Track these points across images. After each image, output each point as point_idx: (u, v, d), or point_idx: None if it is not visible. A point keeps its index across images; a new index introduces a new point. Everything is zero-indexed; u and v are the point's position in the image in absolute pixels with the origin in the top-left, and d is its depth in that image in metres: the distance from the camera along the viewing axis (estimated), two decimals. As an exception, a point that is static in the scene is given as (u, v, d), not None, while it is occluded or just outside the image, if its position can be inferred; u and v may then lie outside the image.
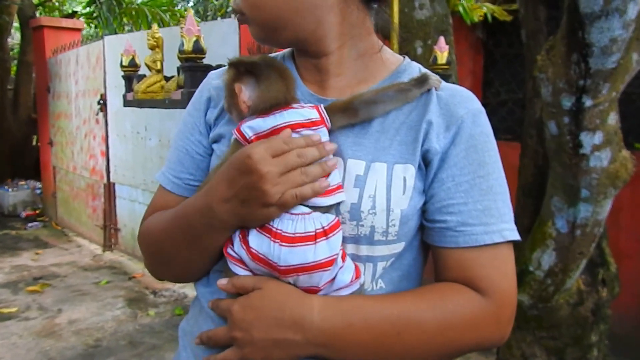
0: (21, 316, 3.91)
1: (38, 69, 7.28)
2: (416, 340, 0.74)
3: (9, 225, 6.81)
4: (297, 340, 0.71)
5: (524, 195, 2.02)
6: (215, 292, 0.80)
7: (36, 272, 4.96)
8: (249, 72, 0.77)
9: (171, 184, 0.89)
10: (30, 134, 8.11)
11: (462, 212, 0.77)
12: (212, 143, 0.87)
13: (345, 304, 0.73)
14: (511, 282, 0.77)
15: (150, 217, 0.89)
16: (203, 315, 0.84)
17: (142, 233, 0.90)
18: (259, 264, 0.72)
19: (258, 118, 0.76)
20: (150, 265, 0.92)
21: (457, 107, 0.80)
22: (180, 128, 0.92)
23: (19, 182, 7.81)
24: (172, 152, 0.91)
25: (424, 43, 2.21)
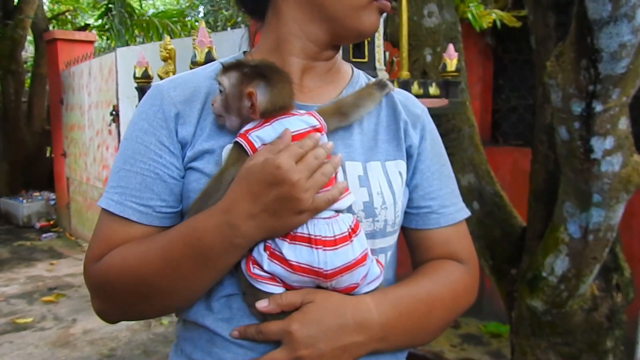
0: (37, 326, 3.95)
1: (51, 81, 7.39)
2: (441, 314, 0.84)
3: (23, 236, 6.90)
4: (362, 341, 0.75)
5: (535, 200, 2.01)
6: (231, 318, 0.78)
7: (51, 282, 5.01)
8: (260, 76, 0.75)
9: (137, 213, 0.78)
10: (44, 145, 8.22)
11: (440, 197, 0.90)
12: (189, 162, 0.80)
13: (389, 296, 0.79)
14: (474, 248, 0.94)
15: (116, 252, 0.77)
16: (219, 343, 0.79)
17: (106, 271, 0.77)
18: (301, 274, 0.73)
19: (264, 126, 0.75)
20: (118, 306, 0.81)
21: (414, 107, 0.93)
22: (136, 149, 0.80)
23: (33, 194, 7.91)
24: (131, 176, 0.79)
25: (433, 51, 2.22)
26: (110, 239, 0.78)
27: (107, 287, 0.78)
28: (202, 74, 0.86)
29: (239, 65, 0.76)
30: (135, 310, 0.81)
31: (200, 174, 0.78)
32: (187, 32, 7.70)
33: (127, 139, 0.81)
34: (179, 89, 0.82)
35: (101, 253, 0.78)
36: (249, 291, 0.76)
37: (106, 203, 0.79)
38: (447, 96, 1.84)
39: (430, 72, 2.22)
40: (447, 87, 1.85)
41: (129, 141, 0.81)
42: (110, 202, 0.79)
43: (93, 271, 0.79)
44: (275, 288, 0.74)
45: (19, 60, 8.13)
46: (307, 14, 0.82)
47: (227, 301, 0.79)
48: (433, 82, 1.83)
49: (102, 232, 0.80)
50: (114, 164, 0.82)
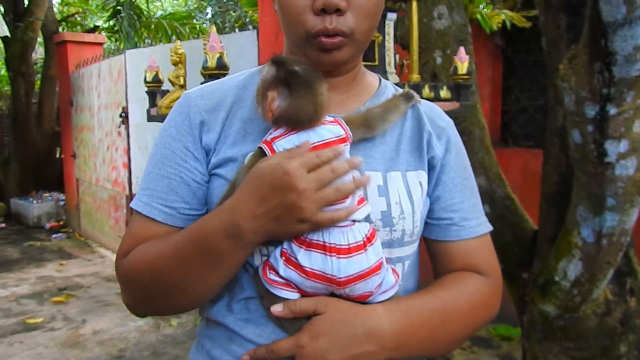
0: (47, 326, 3.97)
1: (61, 83, 7.44)
2: (457, 325, 0.84)
3: (33, 237, 6.94)
4: (373, 350, 0.75)
5: (548, 204, 2.00)
6: (249, 319, 0.80)
7: (61, 282, 5.04)
8: (286, 84, 0.74)
9: (162, 214, 0.82)
10: (54, 146, 8.27)
11: (461, 209, 0.89)
12: (213, 168, 0.82)
13: (401, 305, 0.79)
14: (497, 262, 0.93)
15: (139, 249, 0.82)
16: (237, 342, 0.81)
17: (130, 266, 0.82)
18: (315, 280, 0.73)
19: (289, 135, 0.75)
20: (141, 300, 0.84)
21: (438, 120, 0.92)
22: (164, 154, 0.84)
23: (43, 194, 7.96)
24: (158, 179, 0.83)
25: (443, 53, 2.21)
26: (137, 237, 0.83)
27: (130, 282, 0.83)
28: (231, 83, 0.88)
29: (283, 64, 0.75)
30: (154, 305, 0.84)
31: (223, 180, 0.80)
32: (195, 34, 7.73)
33: (157, 144, 0.85)
34: (205, 98, 0.84)
35: (129, 249, 0.82)
36: (265, 295, 0.77)
37: (136, 204, 0.84)
38: (458, 99, 1.82)
39: (440, 75, 2.21)
40: (458, 90, 1.84)
41: (159, 147, 0.85)
42: (140, 203, 0.83)
43: (120, 266, 0.83)
44: (290, 294, 0.75)
45: (29, 62, 8.18)
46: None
47: (246, 303, 0.81)
48: (444, 86, 1.82)
49: (131, 230, 0.84)
50: (146, 168, 0.86)
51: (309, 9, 0.75)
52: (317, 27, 0.75)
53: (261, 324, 0.80)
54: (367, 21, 0.78)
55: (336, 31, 0.75)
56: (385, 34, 1.85)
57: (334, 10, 0.74)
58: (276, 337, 0.78)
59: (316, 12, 0.75)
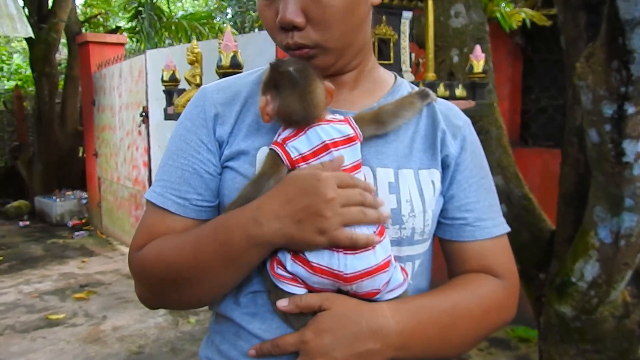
0: (68, 322, 4.05)
1: (84, 83, 7.56)
2: (467, 327, 0.82)
3: (56, 234, 7.08)
4: (378, 349, 0.74)
5: (565, 204, 1.98)
6: (256, 313, 0.80)
7: (82, 279, 5.13)
8: (274, 85, 0.76)
9: (175, 205, 0.82)
10: (76, 145, 8.42)
11: (476, 209, 0.88)
12: (226, 161, 0.83)
13: (409, 305, 0.79)
14: (514, 264, 0.91)
15: (156, 242, 0.82)
16: (244, 337, 0.82)
17: (145, 259, 0.82)
18: (322, 276, 0.73)
19: (299, 136, 0.76)
20: (156, 293, 0.85)
21: (455, 119, 0.91)
22: (179, 146, 0.85)
23: (66, 193, 8.10)
24: (172, 171, 0.84)
25: (460, 51, 2.20)
26: (151, 229, 0.83)
27: (144, 275, 0.83)
28: (247, 79, 0.89)
29: (277, 67, 0.77)
30: (167, 299, 0.84)
31: (235, 173, 0.81)
32: (215, 34, 7.79)
33: (173, 136, 0.87)
34: (221, 92, 0.86)
35: (143, 242, 0.83)
36: (273, 290, 0.77)
37: (150, 195, 0.84)
38: (474, 98, 1.81)
39: (457, 73, 2.20)
40: (474, 88, 1.83)
41: (174, 139, 0.86)
42: (153, 194, 0.84)
43: (134, 258, 0.84)
44: (296, 289, 0.75)
45: (53, 63, 8.33)
46: None
47: (253, 297, 0.81)
48: (459, 84, 1.81)
49: (145, 222, 0.85)
50: (161, 160, 0.87)
51: (275, 26, 0.78)
52: (283, 42, 0.79)
53: (267, 319, 0.80)
54: (334, 30, 0.77)
55: (298, 45, 0.77)
56: (401, 33, 1.84)
57: (291, 27, 0.76)
58: (281, 333, 0.78)
59: (279, 29, 0.78)
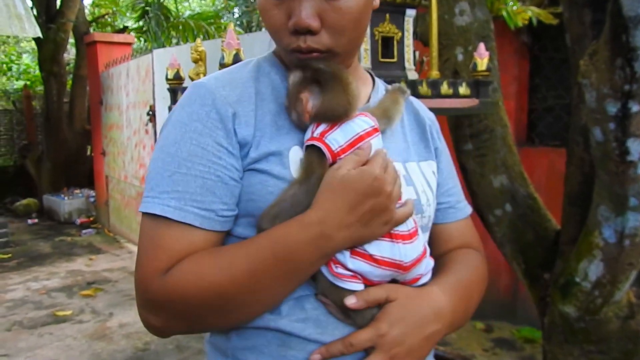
0: (75, 319, 4.08)
1: (92, 83, 7.61)
2: (477, 296, 0.92)
3: (64, 232, 7.13)
4: (440, 328, 0.80)
5: (570, 203, 1.96)
6: (306, 318, 0.77)
7: (89, 277, 5.17)
8: (316, 81, 0.76)
9: (200, 218, 0.73)
10: (84, 144, 8.48)
11: (455, 193, 0.98)
12: (252, 163, 0.76)
13: (448, 284, 0.85)
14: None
15: (189, 265, 0.72)
16: (295, 345, 0.77)
17: (181, 284, 0.71)
18: (385, 268, 0.76)
19: (335, 129, 0.77)
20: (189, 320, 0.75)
21: (426, 111, 1.00)
22: (192, 151, 0.75)
23: (74, 191, 8.17)
24: (189, 180, 0.74)
25: (465, 50, 2.19)
26: (172, 249, 0.73)
27: (179, 303, 0.72)
28: (241, 74, 0.83)
29: (307, 66, 0.77)
30: (205, 326, 0.77)
31: (266, 175, 0.76)
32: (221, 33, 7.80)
33: (178, 141, 0.75)
34: (227, 88, 0.78)
35: (165, 265, 0.72)
36: (329, 290, 0.77)
37: (162, 209, 0.73)
38: (477, 96, 1.80)
39: (461, 72, 2.18)
40: (478, 86, 1.82)
41: (181, 144, 0.75)
42: (167, 208, 0.73)
43: (160, 286, 0.72)
44: (357, 285, 0.77)
45: (61, 63, 8.39)
46: None
47: (297, 303, 0.78)
48: (463, 82, 1.80)
49: (161, 241, 0.73)
50: (162, 169, 0.75)
51: (284, 27, 0.76)
52: (292, 45, 0.76)
53: (322, 322, 0.77)
54: (346, 35, 0.77)
55: (310, 49, 0.76)
56: (405, 31, 1.84)
57: (305, 31, 0.74)
58: (340, 333, 0.77)
59: (290, 32, 0.76)
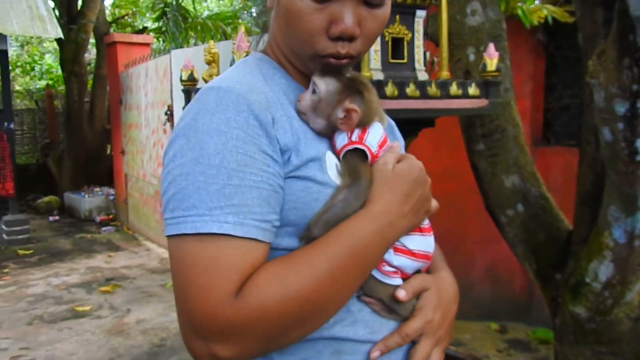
0: (94, 314, 4.16)
1: (111, 83, 7.72)
2: None
3: (85, 229, 7.26)
4: (456, 307, 0.89)
5: (582, 204, 1.95)
6: (356, 321, 0.78)
7: (108, 273, 5.26)
8: (357, 92, 0.79)
9: (261, 231, 0.69)
10: (104, 143, 8.59)
11: None
12: (293, 170, 0.74)
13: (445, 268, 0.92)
14: None
15: (267, 280, 0.67)
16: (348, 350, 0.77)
17: (266, 301, 0.66)
18: (420, 260, 0.82)
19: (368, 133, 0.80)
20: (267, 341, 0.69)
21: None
22: (241, 160, 0.69)
23: (94, 189, 8.31)
24: (245, 192, 0.68)
25: (477, 50, 2.18)
26: (241, 267, 0.67)
27: (262, 321, 0.67)
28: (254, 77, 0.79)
29: (338, 73, 0.79)
30: (283, 343, 0.72)
31: (309, 182, 0.74)
32: (240, 33, 7.83)
33: (221, 151, 0.68)
34: (255, 94, 0.73)
35: (236, 286, 0.66)
36: (377, 290, 0.79)
37: (219, 227, 0.66)
38: (487, 96, 1.80)
39: (473, 72, 2.18)
40: (488, 87, 1.82)
41: (225, 153, 0.68)
42: (226, 224, 0.66)
43: (237, 309, 0.66)
44: (399, 280, 0.81)
45: (82, 63, 8.53)
46: None
47: (344, 307, 0.76)
48: (472, 83, 1.80)
49: (226, 261, 0.66)
50: (205, 182, 0.68)
51: (323, 32, 0.75)
52: (328, 50, 0.76)
53: (368, 321, 0.79)
54: (371, 44, 0.81)
55: (347, 56, 0.77)
56: (415, 32, 1.84)
57: (348, 38, 0.75)
58: (387, 329, 0.80)
59: (331, 38, 0.75)
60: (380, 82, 1.67)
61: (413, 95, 1.67)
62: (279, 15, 0.79)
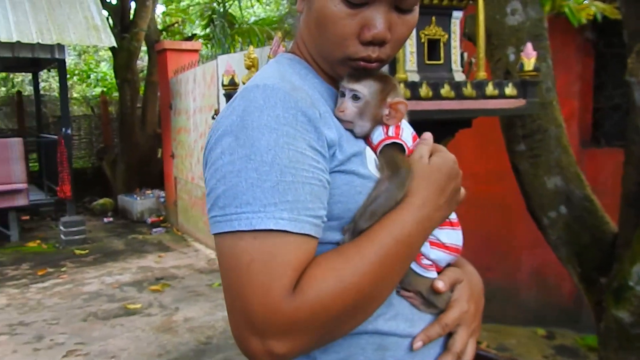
0: (144, 312, 4.32)
1: (162, 88, 7.98)
2: None
3: (136, 230, 7.54)
4: (484, 301, 0.92)
5: (627, 205, 1.89)
6: (397, 314, 0.80)
7: (158, 273, 5.45)
8: (395, 87, 0.83)
9: (314, 227, 0.70)
10: (155, 147, 8.89)
11: None
12: (338, 165, 0.76)
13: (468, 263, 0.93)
14: None
15: (322, 273, 0.68)
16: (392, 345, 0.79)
17: (323, 296, 0.67)
18: (452, 253, 0.85)
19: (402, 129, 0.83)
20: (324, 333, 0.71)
21: None
22: (292, 157, 0.69)
23: (145, 192, 8.59)
24: (297, 188, 0.69)
25: (517, 49, 2.15)
26: (295, 264, 0.67)
27: (321, 314, 0.67)
28: (294, 78, 0.80)
29: (369, 74, 0.81)
30: (337, 335, 0.74)
31: (353, 176, 0.76)
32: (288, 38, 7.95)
33: (272, 147, 0.69)
34: (299, 92, 0.75)
35: (293, 281, 0.67)
36: (415, 283, 0.81)
37: (275, 223, 0.67)
38: (524, 96, 1.78)
39: (513, 72, 2.16)
40: (525, 87, 1.79)
41: (277, 150, 0.69)
42: (282, 221, 0.67)
43: (296, 304, 0.66)
44: (435, 273, 0.83)
45: (134, 70, 8.87)
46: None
47: (385, 301, 0.78)
48: (509, 83, 1.78)
49: (283, 256, 0.67)
50: (258, 179, 0.68)
51: (354, 36, 0.77)
52: (359, 54, 0.78)
53: (408, 315, 0.81)
54: (400, 48, 0.83)
55: (377, 59, 0.79)
56: (451, 33, 1.84)
57: (379, 42, 0.77)
58: (424, 323, 0.82)
59: (362, 42, 0.77)
60: (415, 83, 1.68)
61: (448, 96, 1.67)
62: (309, 19, 0.81)
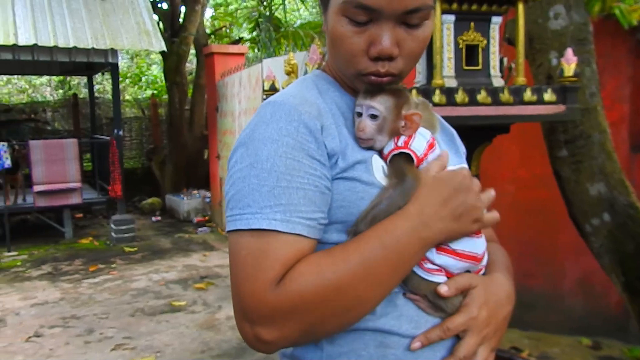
0: (188, 309, 4.45)
1: (209, 91, 8.17)
2: None
3: (183, 229, 7.75)
4: (510, 309, 0.89)
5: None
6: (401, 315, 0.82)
7: (203, 271, 5.58)
8: (409, 99, 0.85)
9: (307, 228, 0.76)
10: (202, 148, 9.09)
11: None
12: (340, 172, 0.81)
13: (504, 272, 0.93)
14: None
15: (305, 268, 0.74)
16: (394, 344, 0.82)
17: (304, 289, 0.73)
18: (466, 260, 0.85)
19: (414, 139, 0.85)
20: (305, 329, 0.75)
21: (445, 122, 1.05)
22: (289, 165, 0.77)
23: (192, 192, 8.81)
24: (291, 192, 0.76)
25: (559, 54, 2.11)
26: (284, 260, 0.74)
27: (301, 306, 0.73)
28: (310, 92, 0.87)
29: (383, 90, 0.83)
30: (322, 330, 0.78)
31: (355, 182, 0.81)
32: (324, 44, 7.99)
33: (272, 157, 0.77)
34: (306, 105, 0.82)
35: (279, 274, 0.74)
36: (420, 286, 0.83)
37: (268, 224, 0.75)
38: (564, 102, 1.75)
39: (555, 77, 2.12)
40: (565, 92, 1.77)
41: (276, 159, 0.77)
42: (274, 221, 0.75)
43: (278, 295, 0.73)
44: (442, 278, 0.84)
45: (183, 73, 9.11)
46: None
47: (389, 302, 0.81)
48: (549, 88, 1.76)
49: (271, 252, 0.74)
50: (257, 185, 0.77)
51: (364, 52, 0.81)
52: (369, 69, 0.82)
53: (413, 317, 0.83)
54: (415, 62, 0.84)
55: (387, 74, 0.82)
56: (490, 38, 1.84)
57: (387, 58, 0.80)
58: (430, 325, 0.83)
59: (370, 58, 0.81)
60: (451, 89, 1.69)
61: (484, 102, 1.67)
62: (328, 39, 0.87)
